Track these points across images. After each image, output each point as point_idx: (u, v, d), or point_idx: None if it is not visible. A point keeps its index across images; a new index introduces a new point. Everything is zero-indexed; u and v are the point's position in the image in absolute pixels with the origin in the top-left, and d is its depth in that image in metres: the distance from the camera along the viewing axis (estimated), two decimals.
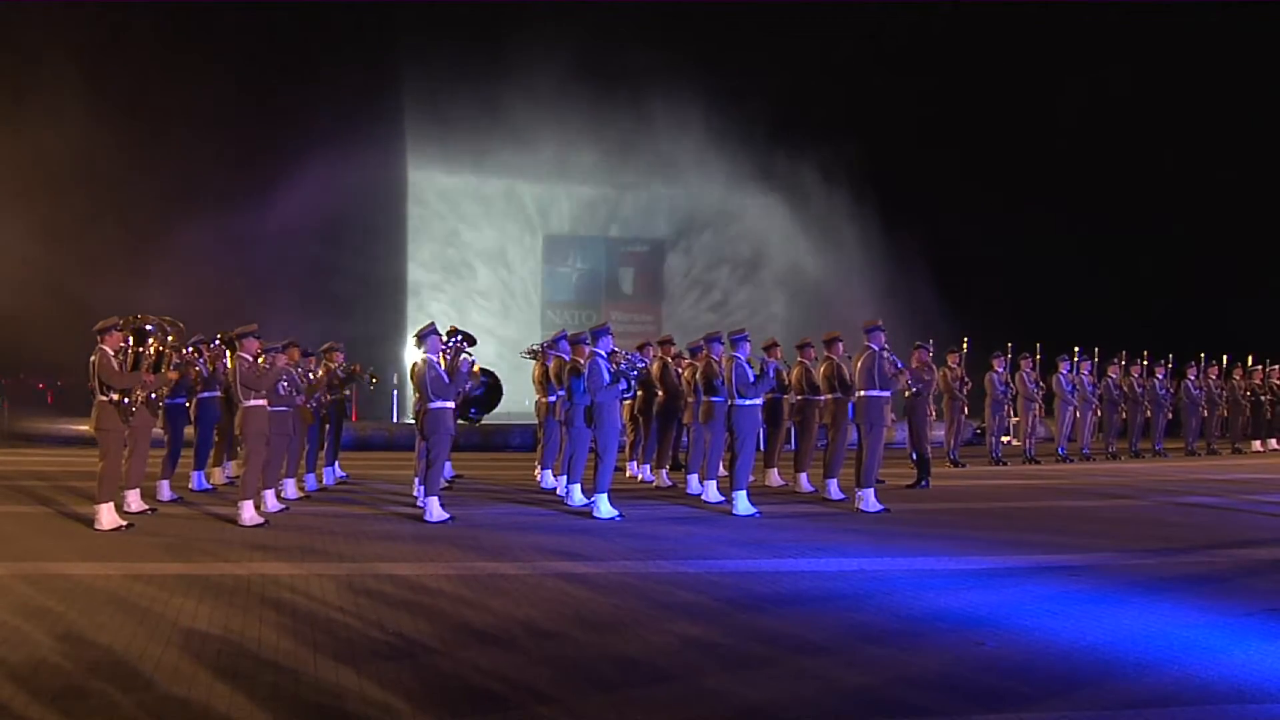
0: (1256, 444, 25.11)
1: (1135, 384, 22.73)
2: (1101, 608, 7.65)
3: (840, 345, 14.47)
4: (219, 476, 15.15)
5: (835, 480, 14.20)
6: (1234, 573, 9.23)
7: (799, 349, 15.45)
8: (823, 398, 14.73)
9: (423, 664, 6.23)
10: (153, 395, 11.60)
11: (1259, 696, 5.63)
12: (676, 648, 6.58)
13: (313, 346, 15.33)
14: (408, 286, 30.46)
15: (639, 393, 15.90)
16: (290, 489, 13.80)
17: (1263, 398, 25.18)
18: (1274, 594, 8.21)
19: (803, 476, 15.19)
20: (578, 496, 13.18)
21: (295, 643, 6.61)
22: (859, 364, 13.47)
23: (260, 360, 12.00)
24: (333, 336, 15.92)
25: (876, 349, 13.37)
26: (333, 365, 14.99)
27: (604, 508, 12.26)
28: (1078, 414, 22.06)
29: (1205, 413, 24.19)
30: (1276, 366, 26.11)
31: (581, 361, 13.28)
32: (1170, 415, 23.93)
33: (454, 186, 31.35)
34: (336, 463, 15.94)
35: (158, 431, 13.40)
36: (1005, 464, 20.08)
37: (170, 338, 11.62)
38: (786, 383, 15.29)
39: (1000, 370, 20.42)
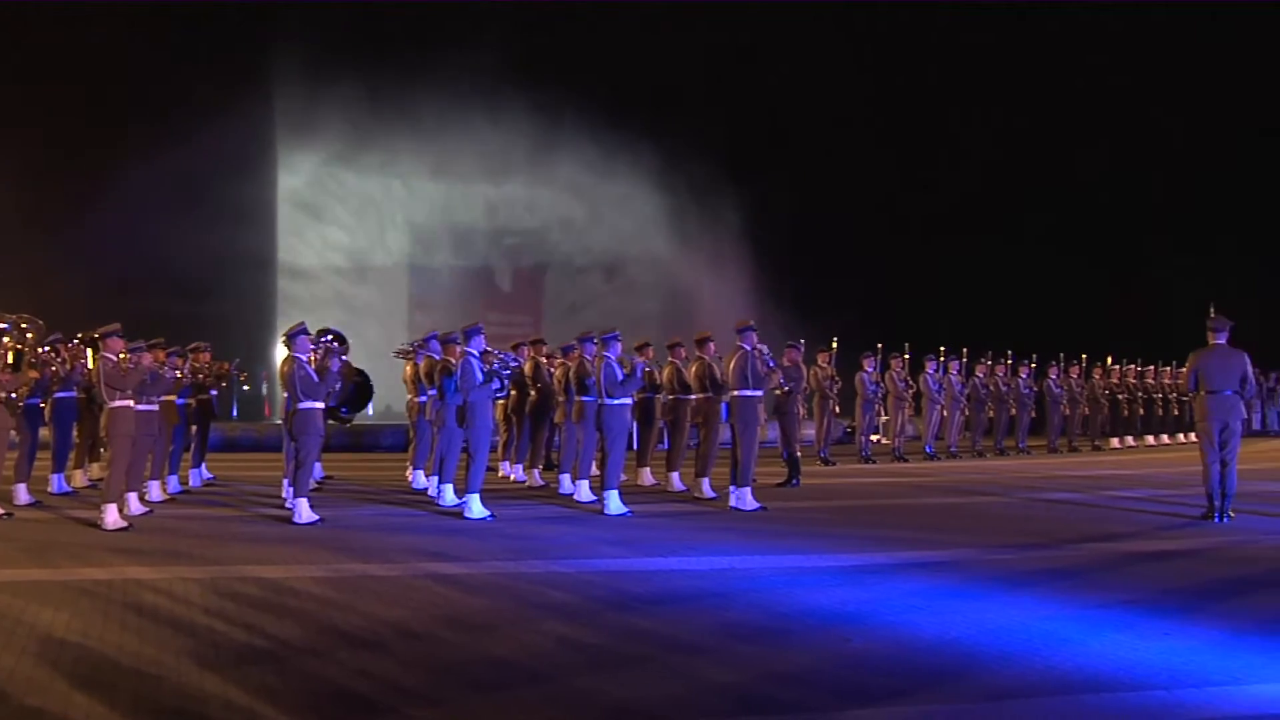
0: (1115, 441, 25.99)
1: (1000, 383, 23.34)
2: (965, 602, 7.86)
3: (711, 345, 14.61)
4: (79, 479, 14.76)
5: (707, 479, 14.33)
6: (1092, 566, 9.55)
7: (670, 349, 15.56)
8: (694, 397, 14.86)
9: (289, 667, 6.16)
10: (12, 395, 11.26)
11: (1113, 685, 5.84)
12: (548, 648, 6.61)
13: (179, 337, 15.00)
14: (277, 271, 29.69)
15: (512, 392, 15.86)
16: (155, 491, 13.50)
17: (1120, 396, 26.09)
18: (1128, 586, 8.51)
19: (674, 475, 15.32)
20: (449, 497, 13.13)
21: (158, 649, 6.48)
22: (732, 364, 13.61)
23: (124, 359, 11.72)
24: (197, 321, 15.58)
25: (749, 349, 13.51)
26: (199, 364, 14.70)
27: (475, 508, 12.23)
28: (945, 413, 22.59)
29: (1067, 411, 24.93)
30: (1133, 366, 27.11)
31: (453, 361, 13.22)
32: (1034, 414, 24.63)
33: (323, 172, 30.62)
34: (203, 464, 15.64)
35: (44, 433, 13.05)
36: (874, 462, 20.46)
37: (29, 334, 11.29)
38: (658, 382, 15.40)
39: (870, 370, 20.79)
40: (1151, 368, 27.61)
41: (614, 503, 12.69)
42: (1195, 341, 12.68)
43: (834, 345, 20.28)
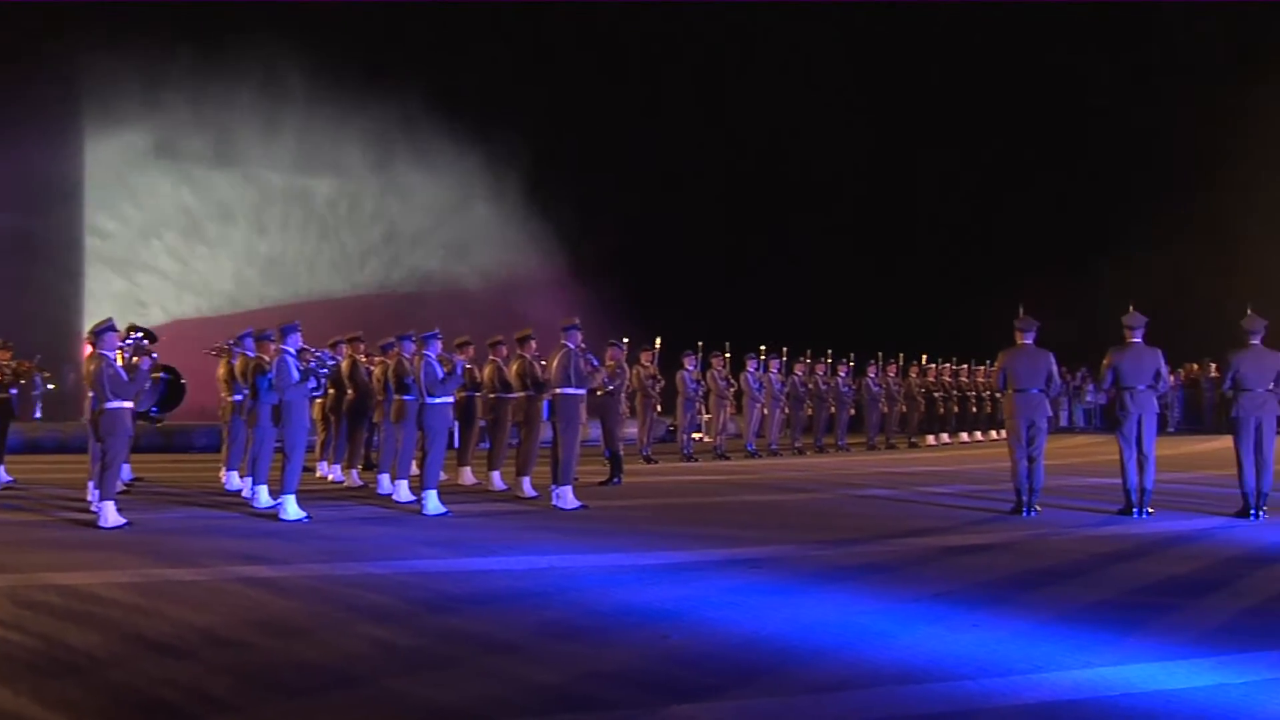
0: (930, 438, 26.83)
1: (820, 381, 23.88)
2: (782, 598, 8.00)
3: (533, 343, 14.60)
4: None
5: (528, 478, 14.31)
6: (905, 561, 9.83)
7: (491, 347, 15.48)
8: (515, 395, 14.82)
9: (91, 678, 5.94)
10: None
11: (922, 677, 6.01)
12: (363, 651, 6.51)
13: None
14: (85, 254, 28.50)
15: (329, 391, 15.59)
16: None
17: (935, 394, 26.94)
18: (939, 580, 8.78)
19: (495, 474, 15.27)
20: (264, 498, 12.83)
21: None
22: (555, 362, 13.61)
23: None
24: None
25: (573, 347, 13.54)
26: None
27: (291, 509, 11.98)
28: (766, 411, 23.00)
29: (885, 409, 25.60)
30: (948, 365, 28.05)
31: (267, 359, 12.93)
32: (853, 411, 25.27)
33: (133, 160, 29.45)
34: (2, 466, 14.99)
35: None
36: (696, 460, 20.71)
37: None
38: (479, 380, 15.32)
39: (691, 368, 21.04)
40: (965, 366, 28.62)
41: (433, 503, 12.57)
42: (1005, 340, 13.13)
43: (657, 344, 20.48)
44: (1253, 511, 12.35)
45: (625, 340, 17.78)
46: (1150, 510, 12.46)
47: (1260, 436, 12.46)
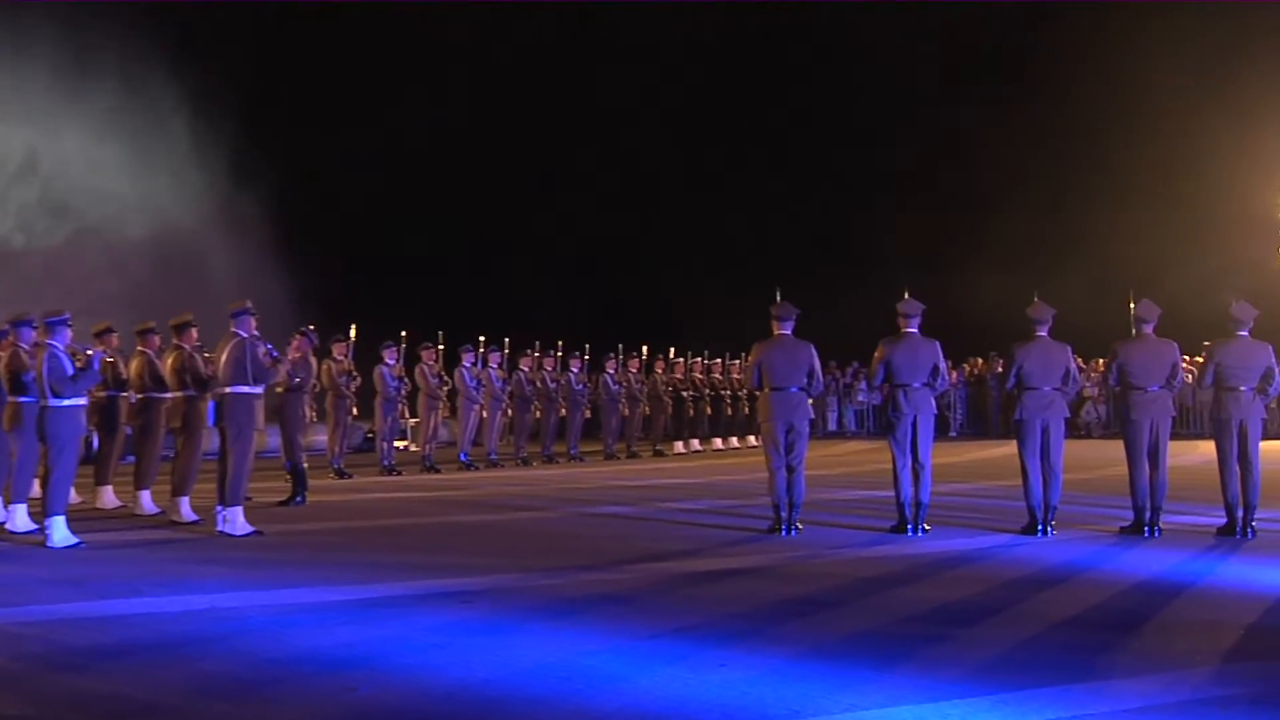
0: (679, 445, 27.18)
1: (548, 379, 23.93)
2: (497, 638, 7.97)
3: (194, 331, 14.27)
4: None
5: (186, 498, 13.98)
6: (645, 590, 9.93)
7: (139, 335, 15.03)
8: (170, 395, 14.41)
9: None
10: None
11: None
12: None
13: None
14: None
15: None
16: None
17: (684, 394, 27.26)
18: (683, 612, 8.90)
19: (144, 495, 14.88)
20: None
21: None
22: (223, 355, 13.29)
23: None
24: None
25: (245, 336, 13.25)
26: None
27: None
28: (485, 414, 22.91)
29: (625, 411, 25.84)
30: (699, 360, 28.45)
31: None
32: (588, 414, 25.45)
33: None
34: None
35: None
36: (399, 473, 20.53)
37: None
38: (124, 377, 14.81)
39: (391, 362, 20.73)
40: (719, 361, 29.05)
41: (60, 532, 12.06)
42: (762, 331, 13.40)
43: (352, 334, 20.03)
44: (1040, 528, 12.79)
45: (312, 327, 17.44)
46: (926, 527, 12.92)
47: (1048, 441, 12.90)
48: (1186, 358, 23.09)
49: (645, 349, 27.04)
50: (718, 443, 28.46)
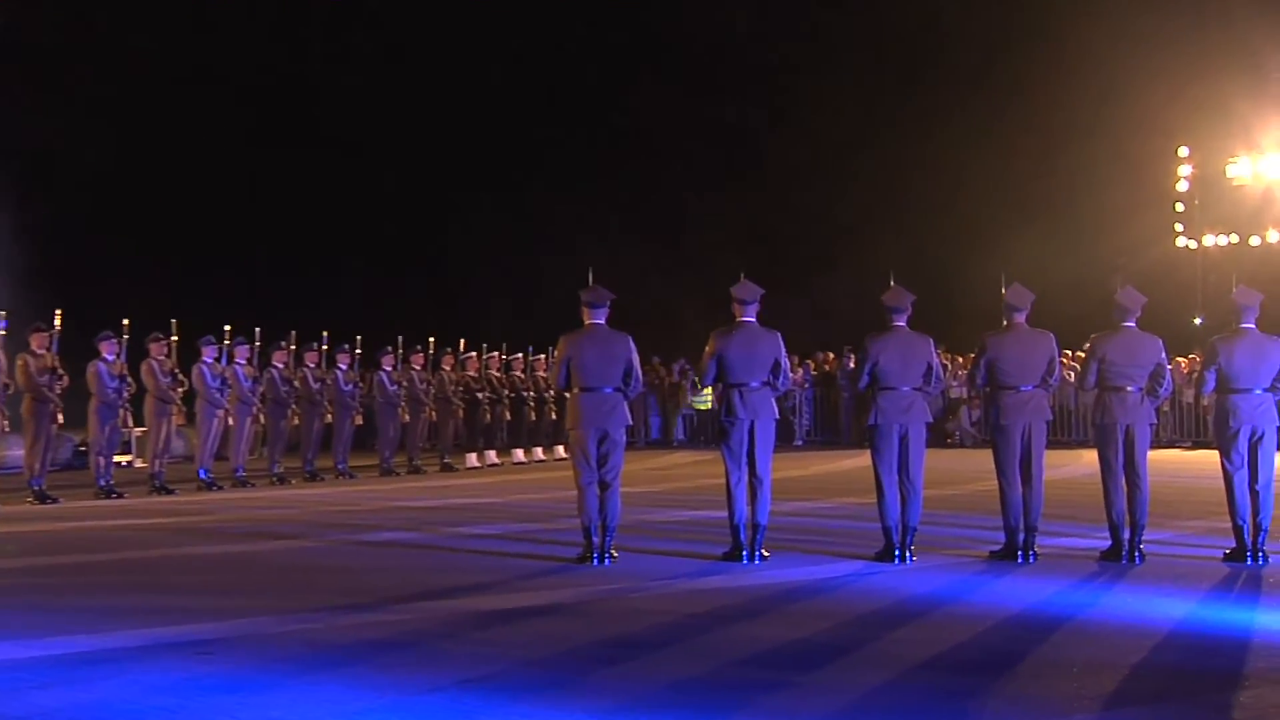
0: (472, 457, 26.99)
1: (310, 377, 23.58)
2: (240, 696, 7.79)
3: None
4: None
5: None
6: (425, 634, 9.82)
7: None
8: None
9: None
10: None
11: None
12: None
13: None
14: None
15: None
16: None
17: (480, 396, 27.10)
18: (470, 659, 8.81)
19: None
20: None
21: None
22: None
23: None
24: None
25: None
26: None
27: None
28: (231, 420, 22.53)
29: (406, 417, 25.63)
30: (496, 355, 28.31)
31: None
32: (360, 420, 25.17)
33: None
34: None
35: None
36: (121, 495, 20.09)
37: None
38: None
39: (110, 357, 20.18)
40: (520, 357, 28.94)
41: None
42: (574, 321, 13.32)
43: (56, 324, 19.43)
44: (897, 553, 12.89)
45: (2, 312, 16.93)
46: (765, 554, 12.99)
47: (906, 451, 12.99)
48: (1067, 353, 23.78)
49: (431, 342, 26.76)
50: (518, 454, 28.44)
